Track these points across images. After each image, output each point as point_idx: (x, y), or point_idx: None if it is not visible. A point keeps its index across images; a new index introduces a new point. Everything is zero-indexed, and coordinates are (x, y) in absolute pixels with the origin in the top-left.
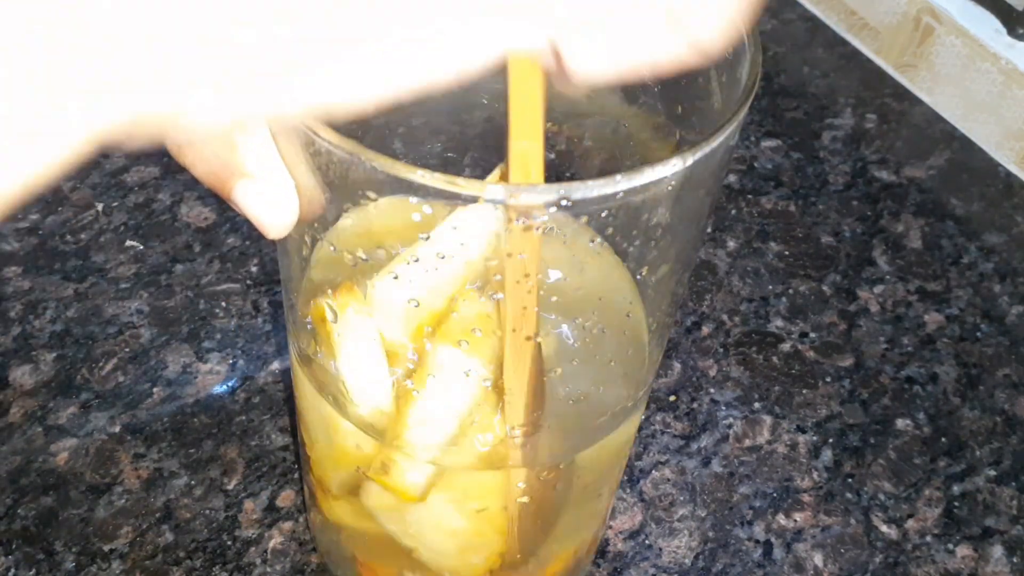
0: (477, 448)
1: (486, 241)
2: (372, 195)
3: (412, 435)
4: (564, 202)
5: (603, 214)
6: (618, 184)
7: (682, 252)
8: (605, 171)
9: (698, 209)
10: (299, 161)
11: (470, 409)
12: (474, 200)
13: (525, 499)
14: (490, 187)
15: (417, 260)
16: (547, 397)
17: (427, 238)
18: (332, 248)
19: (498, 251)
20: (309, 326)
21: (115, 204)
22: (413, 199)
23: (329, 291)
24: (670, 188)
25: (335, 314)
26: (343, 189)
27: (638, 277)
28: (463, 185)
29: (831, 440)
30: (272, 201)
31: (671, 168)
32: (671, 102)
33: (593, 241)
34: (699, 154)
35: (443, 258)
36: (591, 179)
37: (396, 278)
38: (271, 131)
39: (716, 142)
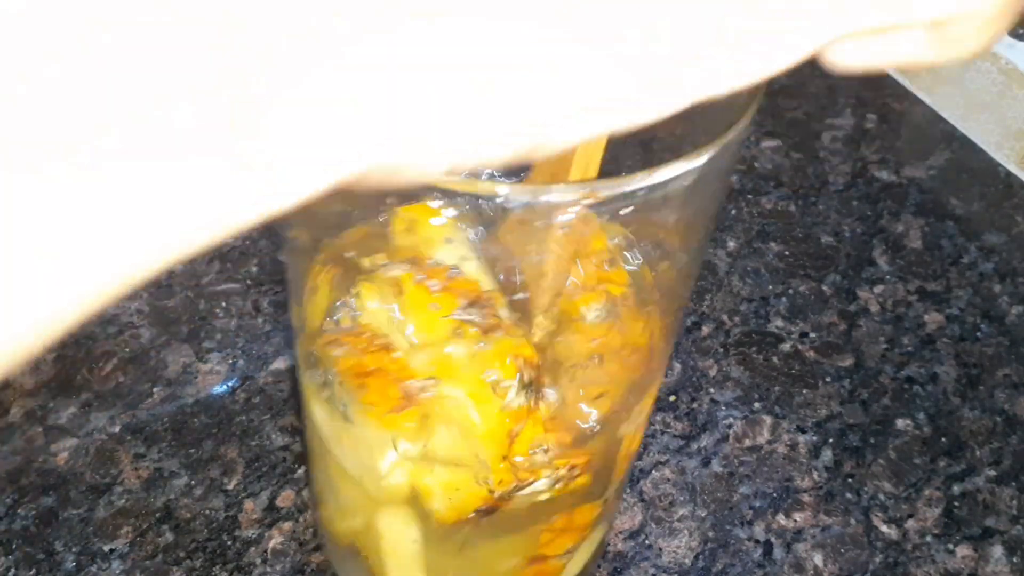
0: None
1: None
2: (392, 200)
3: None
4: (588, 200)
5: (622, 212)
6: (642, 181)
7: (693, 250)
8: (607, 170)
9: (709, 206)
10: None
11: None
12: (498, 201)
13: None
14: (513, 189)
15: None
16: (564, 396)
17: (450, 242)
18: (352, 253)
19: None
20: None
21: None
22: (435, 203)
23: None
24: (688, 183)
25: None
26: (361, 195)
27: (654, 274)
28: (486, 187)
29: (831, 440)
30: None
31: (692, 163)
32: None
33: (613, 239)
34: (718, 147)
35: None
36: (611, 178)
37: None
38: None
39: (732, 135)
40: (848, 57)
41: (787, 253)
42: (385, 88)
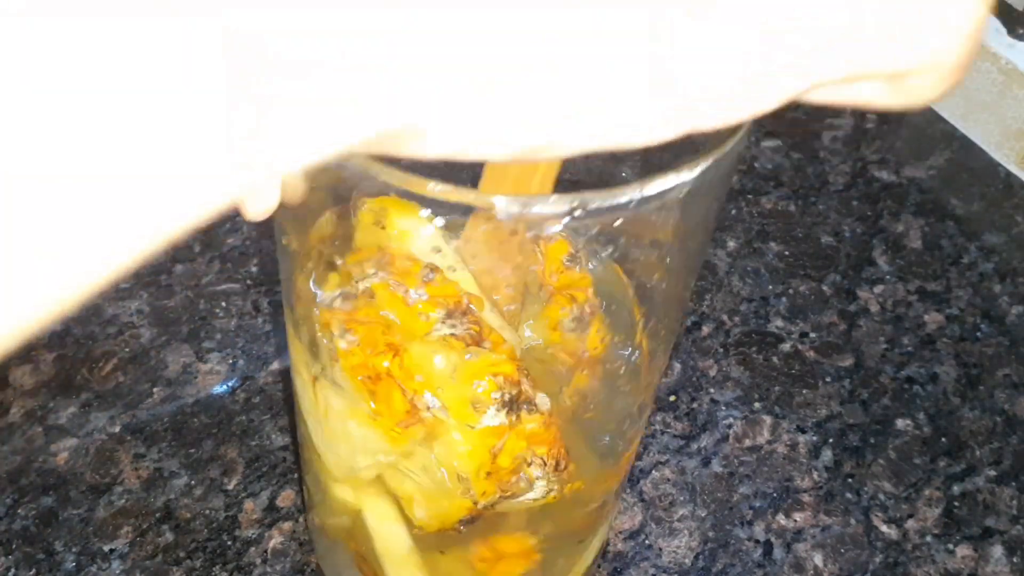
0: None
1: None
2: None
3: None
4: (578, 212)
5: (616, 223)
6: (633, 193)
7: (690, 259)
8: (603, 175)
9: (706, 215)
10: None
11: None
12: (487, 211)
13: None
14: (503, 199)
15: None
16: (558, 408)
17: (439, 251)
18: (339, 261)
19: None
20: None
21: None
22: (424, 211)
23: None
24: (683, 195)
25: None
26: (351, 201)
27: (648, 284)
28: (477, 197)
29: (831, 440)
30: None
31: (685, 176)
32: None
33: (605, 251)
34: (712, 159)
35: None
36: (602, 189)
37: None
38: None
39: (729, 146)
40: (816, 96)
41: (787, 253)
42: (385, 88)
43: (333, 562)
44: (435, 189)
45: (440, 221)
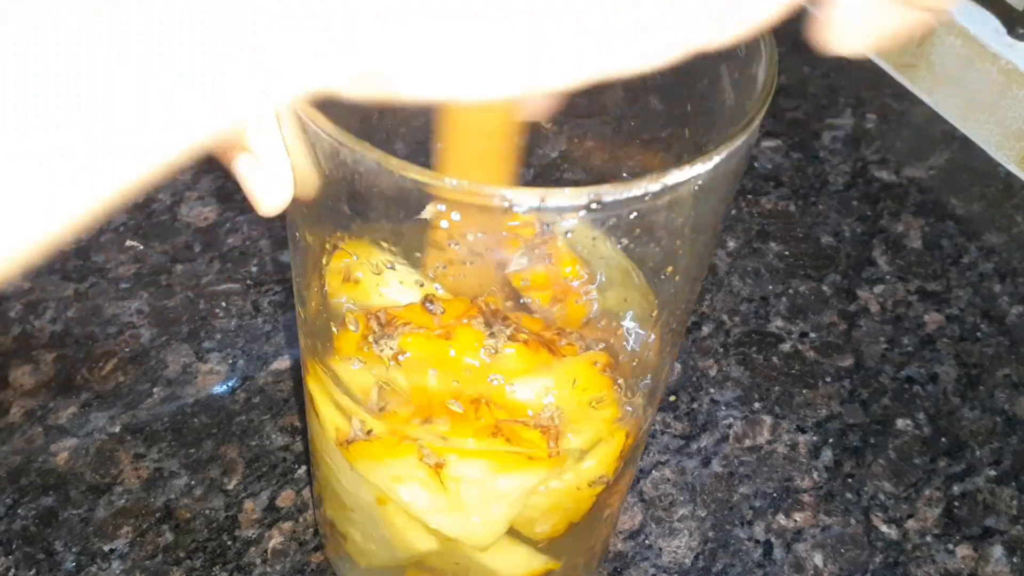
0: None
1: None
2: (400, 210)
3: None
4: (594, 205)
5: (630, 216)
6: (649, 186)
7: (700, 255)
8: (606, 172)
9: (718, 210)
10: (297, 143)
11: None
12: (503, 206)
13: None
14: (519, 193)
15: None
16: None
17: (456, 245)
18: (354, 257)
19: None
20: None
21: None
22: (440, 206)
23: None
24: (696, 188)
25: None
26: (367, 199)
27: (662, 277)
28: (492, 192)
29: (831, 440)
30: (268, 179)
31: (700, 168)
32: (679, 101)
33: (619, 244)
34: (726, 152)
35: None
36: (617, 182)
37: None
38: (275, 113)
39: (739, 140)
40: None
41: (787, 253)
42: (364, 25)
43: (343, 555)
44: (451, 184)
45: (456, 216)
